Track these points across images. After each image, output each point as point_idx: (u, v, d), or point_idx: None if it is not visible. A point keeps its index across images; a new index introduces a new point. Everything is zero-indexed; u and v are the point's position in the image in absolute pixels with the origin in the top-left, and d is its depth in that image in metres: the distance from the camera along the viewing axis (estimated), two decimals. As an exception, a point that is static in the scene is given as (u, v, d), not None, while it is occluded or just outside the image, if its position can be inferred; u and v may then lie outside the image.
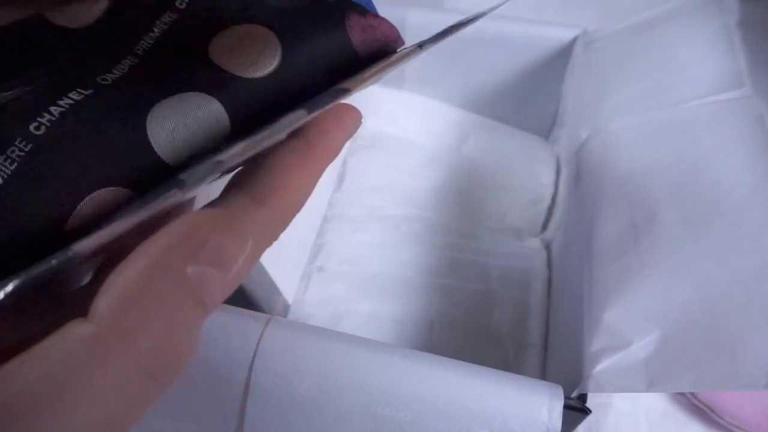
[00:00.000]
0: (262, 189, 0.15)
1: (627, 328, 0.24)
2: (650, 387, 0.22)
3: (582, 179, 0.35)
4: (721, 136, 0.30)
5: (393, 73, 0.54)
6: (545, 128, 0.50)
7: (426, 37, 0.18)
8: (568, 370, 0.27)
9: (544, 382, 0.23)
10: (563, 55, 0.44)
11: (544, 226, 0.45)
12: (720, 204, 0.27)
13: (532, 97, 0.48)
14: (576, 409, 0.23)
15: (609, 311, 0.25)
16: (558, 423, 0.22)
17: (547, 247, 0.43)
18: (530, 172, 0.48)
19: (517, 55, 0.45)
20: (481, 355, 0.37)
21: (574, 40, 0.43)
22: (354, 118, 0.19)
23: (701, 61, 0.34)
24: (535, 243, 0.43)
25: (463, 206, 0.46)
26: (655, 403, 0.37)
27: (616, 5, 0.49)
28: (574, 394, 0.24)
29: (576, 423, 0.24)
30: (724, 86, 0.31)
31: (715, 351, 0.23)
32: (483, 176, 0.48)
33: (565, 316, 0.32)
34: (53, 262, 0.12)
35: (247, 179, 0.16)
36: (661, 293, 0.25)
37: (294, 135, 0.17)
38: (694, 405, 0.37)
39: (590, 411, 0.23)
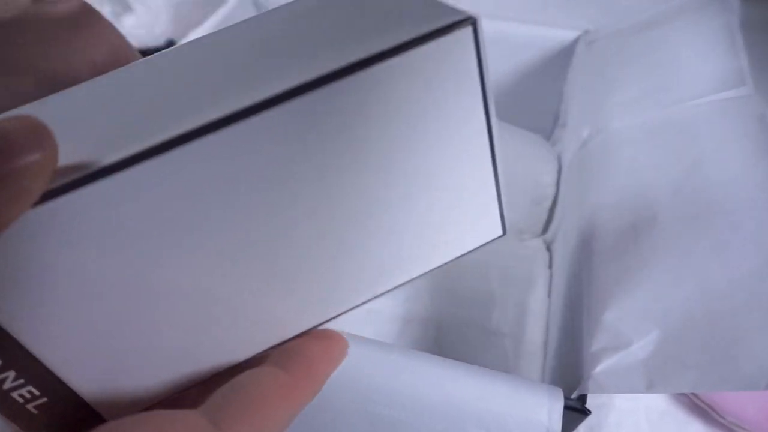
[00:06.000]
0: (232, 422, 0.14)
1: (627, 328, 0.24)
2: (650, 387, 0.22)
3: (583, 178, 0.35)
4: (722, 135, 0.30)
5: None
6: (547, 128, 0.50)
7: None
8: (568, 370, 0.27)
9: (544, 384, 0.23)
10: (565, 54, 0.44)
11: (546, 226, 0.45)
12: (720, 203, 0.27)
13: (533, 96, 0.48)
14: (576, 409, 0.23)
15: (609, 311, 0.25)
16: (558, 425, 0.22)
17: (549, 247, 0.42)
18: (532, 171, 0.48)
19: (519, 55, 0.45)
20: (481, 354, 0.37)
21: (576, 40, 0.43)
22: (341, 347, 0.17)
23: (703, 60, 0.33)
24: (536, 243, 0.43)
25: (464, 206, 0.46)
26: (656, 403, 0.37)
27: (618, 5, 0.49)
28: (574, 395, 0.23)
29: (576, 424, 0.24)
30: (725, 85, 0.31)
31: (715, 351, 0.23)
32: (484, 175, 0.48)
33: (565, 316, 0.31)
34: None
35: (219, 406, 0.14)
36: (661, 293, 0.25)
37: (275, 361, 0.16)
38: (695, 404, 0.37)
39: (590, 412, 0.23)
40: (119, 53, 0.27)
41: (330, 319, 0.18)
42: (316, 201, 0.15)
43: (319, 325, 0.18)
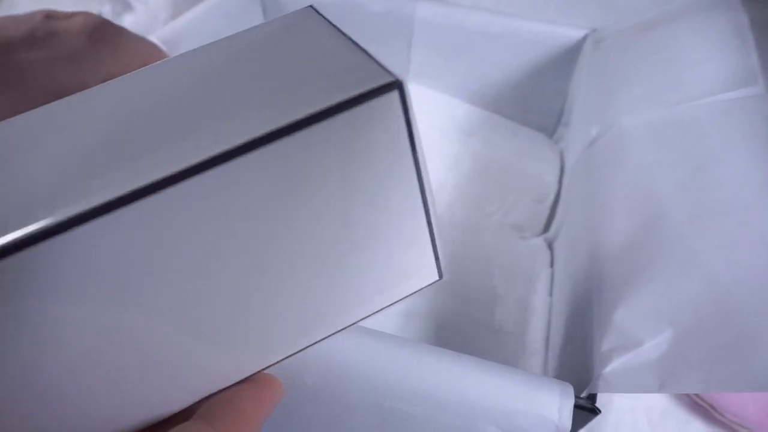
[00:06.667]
0: None
1: (638, 327, 0.24)
2: (662, 387, 0.22)
3: (590, 176, 0.35)
4: (730, 134, 0.30)
5: (399, 65, 0.53)
6: (550, 126, 0.50)
7: (434, 30, 0.17)
8: (576, 369, 0.26)
9: (555, 381, 0.23)
10: (570, 53, 0.44)
11: (548, 224, 0.45)
12: (729, 202, 0.27)
13: (537, 94, 0.48)
14: (586, 408, 0.23)
15: (619, 310, 0.25)
16: (568, 422, 0.22)
17: (550, 245, 0.42)
18: (534, 169, 0.47)
19: (524, 52, 0.45)
20: (483, 351, 0.37)
21: (583, 39, 0.43)
22: (274, 390, 0.17)
23: (712, 58, 0.33)
24: (538, 242, 0.43)
25: (467, 201, 0.46)
26: (655, 401, 0.37)
27: (625, 4, 0.48)
28: (583, 394, 0.23)
29: (584, 423, 0.24)
30: (735, 84, 0.31)
31: (725, 351, 0.22)
32: (487, 172, 0.47)
33: (572, 315, 0.31)
34: None
35: None
36: (671, 292, 0.25)
37: (203, 414, 0.16)
38: (695, 403, 0.37)
39: (600, 411, 0.23)
40: (146, 63, 0.26)
41: (265, 368, 0.18)
42: (252, 255, 0.15)
43: (254, 374, 0.18)
